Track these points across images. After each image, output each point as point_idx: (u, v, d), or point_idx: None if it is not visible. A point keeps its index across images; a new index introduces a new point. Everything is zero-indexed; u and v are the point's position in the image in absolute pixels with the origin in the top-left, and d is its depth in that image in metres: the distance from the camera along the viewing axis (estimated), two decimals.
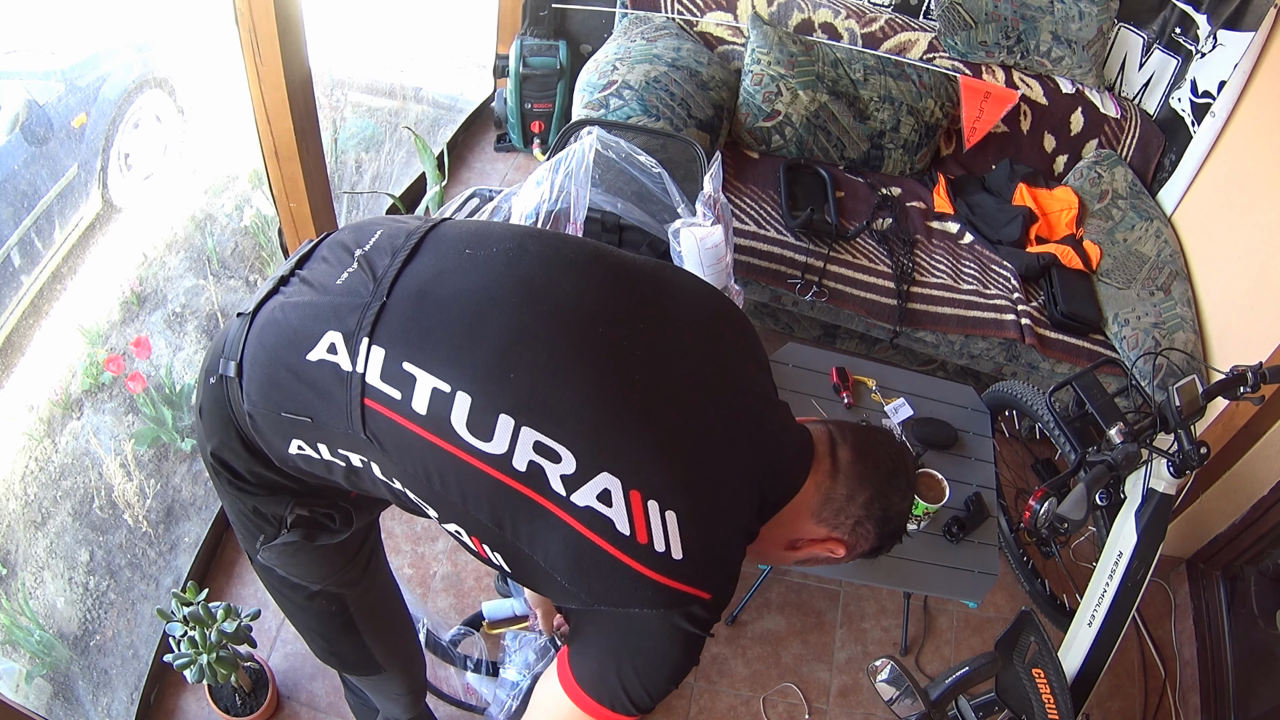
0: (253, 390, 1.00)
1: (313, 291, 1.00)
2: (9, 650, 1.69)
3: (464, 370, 0.91)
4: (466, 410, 0.90)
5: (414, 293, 0.96)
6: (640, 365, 0.96)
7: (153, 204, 2.12)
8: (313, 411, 0.96)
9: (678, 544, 0.90)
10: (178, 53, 2.13)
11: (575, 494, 0.89)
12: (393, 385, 0.92)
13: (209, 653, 1.67)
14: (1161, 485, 1.80)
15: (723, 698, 2.13)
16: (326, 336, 0.95)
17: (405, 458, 0.94)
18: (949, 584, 1.93)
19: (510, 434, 0.89)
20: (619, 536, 0.89)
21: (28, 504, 1.73)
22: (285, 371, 0.97)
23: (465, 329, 0.93)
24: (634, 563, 0.90)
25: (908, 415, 2.12)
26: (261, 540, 1.14)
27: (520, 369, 0.92)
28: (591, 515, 0.89)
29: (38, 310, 1.75)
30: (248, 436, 1.03)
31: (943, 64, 2.77)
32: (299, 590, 1.23)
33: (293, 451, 1.00)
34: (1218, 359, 2.37)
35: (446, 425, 0.91)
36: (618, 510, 0.89)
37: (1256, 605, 2.30)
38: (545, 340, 0.94)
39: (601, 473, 0.89)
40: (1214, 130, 2.54)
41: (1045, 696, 1.56)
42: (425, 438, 0.92)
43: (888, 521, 1.06)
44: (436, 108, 3.27)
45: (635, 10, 2.81)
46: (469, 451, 0.90)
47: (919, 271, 2.49)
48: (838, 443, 1.06)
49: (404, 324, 0.94)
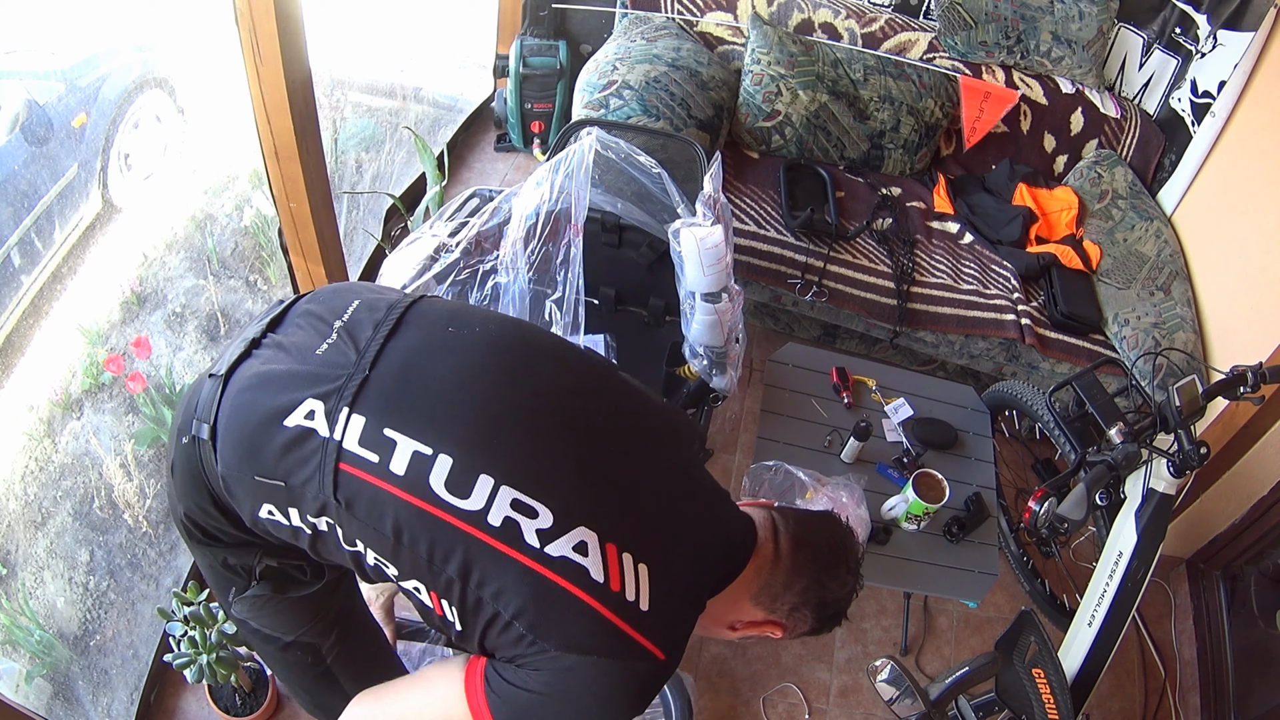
0: (227, 453, 1.00)
1: (289, 359, 1.02)
2: (9, 650, 1.69)
3: (447, 435, 0.96)
4: (447, 471, 0.94)
5: (398, 367, 1.00)
6: (613, 441, 1.03)
7: (153, 204, 2.12)
8: (287, 476, 0.98)
9: (646, 596, 0.95)
10: (178, 53, 2.13)
11: (550, 546, 0.93)
12: (371, 450, 0.95)
13: (209, 653, 1.67)
14: (1161, 485, 1.80)
15: (723, 698, 2.13)
16: (306, 404, 0.97)
17: (374, 518, 0.96)
18: (949, 584, 1.93)
19: (489, 492, 0.94)
20: (592, 583, 0.93)
21: (28, 504, 1.73)
22: (261, 437, 0.98)
23: (448, 400, 0.98)
24: (603, 608, 0.93)
25: (908, 415, 2.12)
26: (233, 592, 1.14)
27: (502, 435, 0.97)
28: (565, 564, 0.93)
29: (38, 310, 1.75)
30: (219, 498, 1.04)
31: (943, 64, 2.77)
32: (273, 642, 1.22)
33: (263, 515, 1.02)
34: (1218, 359, 2.37)
35: (424, 485, 0.94)
36: (593, 560, 0.94)
37: (1256, 605, 2.30)
38: (526, 413, 1.00)
39: (579, 527, 0.94)
40: (1214, 130, 2.54)
41: (1045, 696, 1.56)
42: (400, 497, 0.94)
43: (824, 607, 1.12)
44: (436, 108, 3.27)
45: (635, 10, 2.81)
46: (445, 509, 0.94)
47: (919, 271, 2.49)
48: (779, 530, 1.12)
49: (387, 395, 0.98)
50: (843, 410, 2.11)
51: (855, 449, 1.98)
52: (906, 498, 1.88)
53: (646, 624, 0.95)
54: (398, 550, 0.97)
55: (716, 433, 2.56)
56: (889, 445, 2.08)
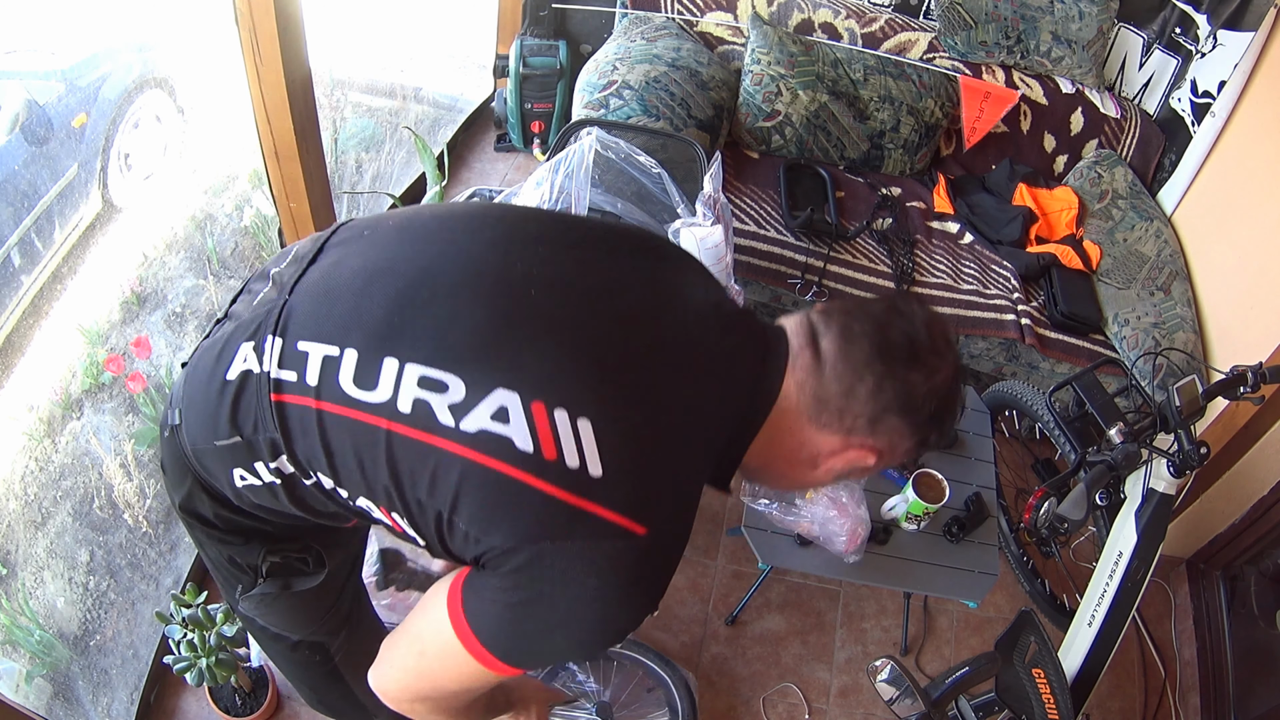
0: (191, 429, 0.98)
1: (232, 322, 0.99)
2: (9, 650, 1.69)
3: (352, 331, 0.87)
4: (354, 366, 0.85)
5: (313, 282, 0.94)
6: (556, 290, 0.87)
7: (153, 204, 2.12)
8: (240, 429, 0.92)
9: (594, 458, 0.79)
10: (178, 53, 2.13)
11: (465, 420, 0.80)
12: (290, 368, 0.88)
13: (208, 656, 1.67)
14: (1161, 485, 1.80)
15: (722, 698, 2.13)
16: (240, 350, 0.92)
17: (309, 439, 0.88)
18: (949, 584, 1.93)
19: (394, 377, 0.83)
20: (520, 455, 0.79)
21: (28, 504, 1.73)
22: (212, 401, 0.94)
23: (355, 296, 0.90)
24: (542, 483, 0.79)
25: None
26: (240, 590, 1.12)
27: (407, 312, 0.86)
28: (486, 439, 0.80)
29: (38, 310, 1.75)
30: (205, 484, 1.02)
31: (943, 64, 2.77)
32: (281, 641, 1.21)
33: (240, 485, 0.97)
34: (1218, 359, 2.37)
35: (335, 388, 0.85)
36: (516, 426, 0.79)
37: (1256, 605, 2.30)
38: (432, 283, 0.88)
39: (495, 390, 0.80)
40: (1214, 130, 2.53)
41: (1045, 696, 1.55)
42: (318, 409, 0.86)
43: (916, 408, 0.88)
44: (436, 108, 3.27)
45: (635, 10, 2.81)
46: (357, 407, 0.84)
47: (919, 271, 2.49)
48: (819, 332, 0.90)
49: (302, 311, 0.91)
50: None
51: None
52: (906, 498, 1.88)
53: (604, 493, 0.79)
54: (335, 466, 0.88)
55: None
56: None
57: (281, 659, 1.28)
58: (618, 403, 0.82)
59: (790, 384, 0.90)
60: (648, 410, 0.84)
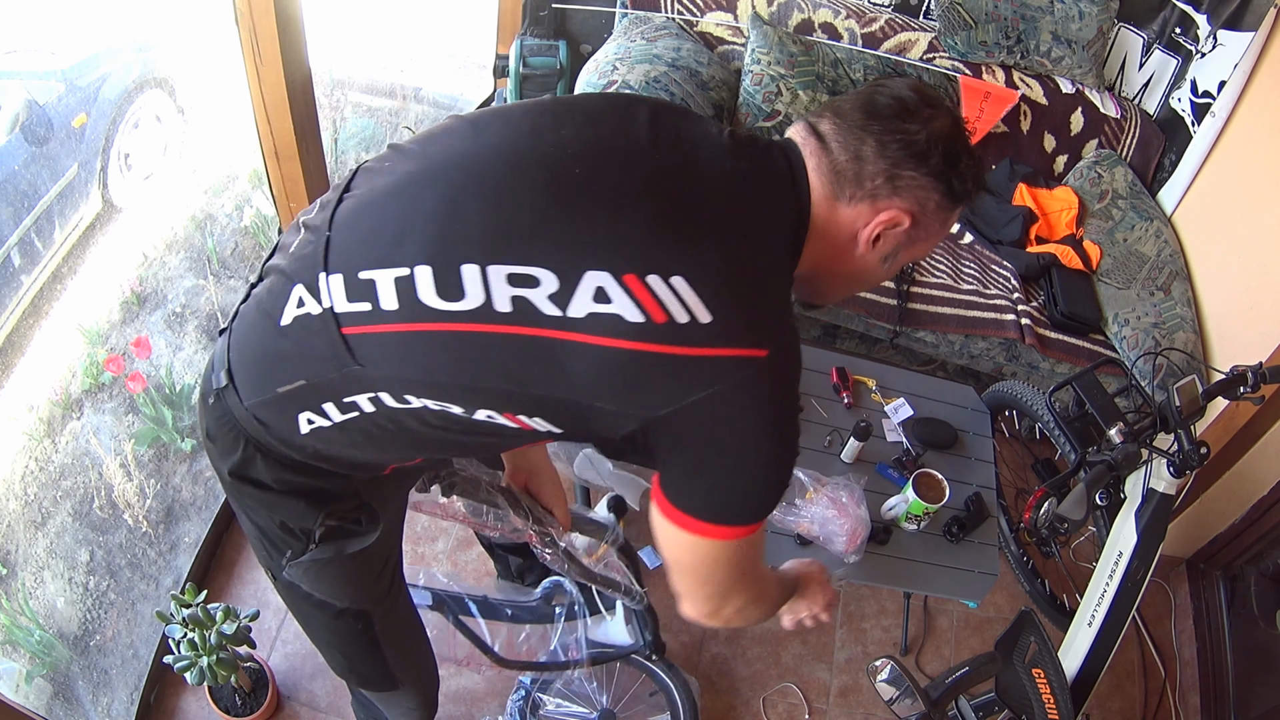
0: (245, 385, 0.98)
1: (275, 273, 0.98)
2: (9, 650, 1.69)
3: (412, 246, 0.87)
4: (431, 280, 0.85)
5: (349, 213, 0.94)
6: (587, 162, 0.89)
7: (153, 204, 2.12)
8: (303, 372, 0.93)
9: (700, 307, 0.82)
10: (178, 53, 2.13)
11: (570, 307, 0.83)
12: (359, 300, 0.88)
13: (209, 655, 1.67)
14: (1161, 485, 1.80)
15: (723, 697, 2.13)
16: (292, 294, 0.92)
17: (403, 366, 0.89)
18: (949, 584, 1.93)
19: (480, 281, 0.84)
20: (635, 327, 0.82)
21: (28, 504, 1.73)
22: (266, 349, 0.95)
23: (400, 213, 0.90)
24: (664, 347, 0.82)
25: (908, 415, 2.12)
26: (289, 556, 1.11)
27: (464, 218, 0.87)
28: (596, 320, 0.82)
29: (38, 310, 1.75)
30: (261, 442, 1.01)
31: (943, 64, 2.77)
32: (325, 609, 1.20)
33: (305, 431, 0.97)
34: (1218, 359, 2.37)
35: (419, 306, 0.85)
36: (620, 302, 0.82)
37: (1256, 605, 2.30)
38: (479, 183, 0.89)
39: (585, 273, 0.83)
40: (1214, 130, 2.54)
41: (1045, 696, 1.56)
42: (407, 331, 0.87)
43: (924, 155, 0.92)
44: (436, 108, 3.27)
45: (635, 10, 2.81)
46: (450, 319, 0.85)
47: (919, 271, 2.49)
48: (815, 122, 0.97)
49: (348, 243, 0.91)
50: (843, 410, 2.11)
51: (855, 449, 1.98)
52: (906, 498, 1.88)
53: (719, 335, 0.83)
54: (440, 386, 0.89)
55: None
56: (889, 445, 2.08)
57: (322, 628, 1.27)
58: (697, 250, 0.85)
59: (811, 174, 0.95)
60: (722, 247, 0.87)
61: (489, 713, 1.99)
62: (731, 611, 1.06)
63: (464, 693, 2.03)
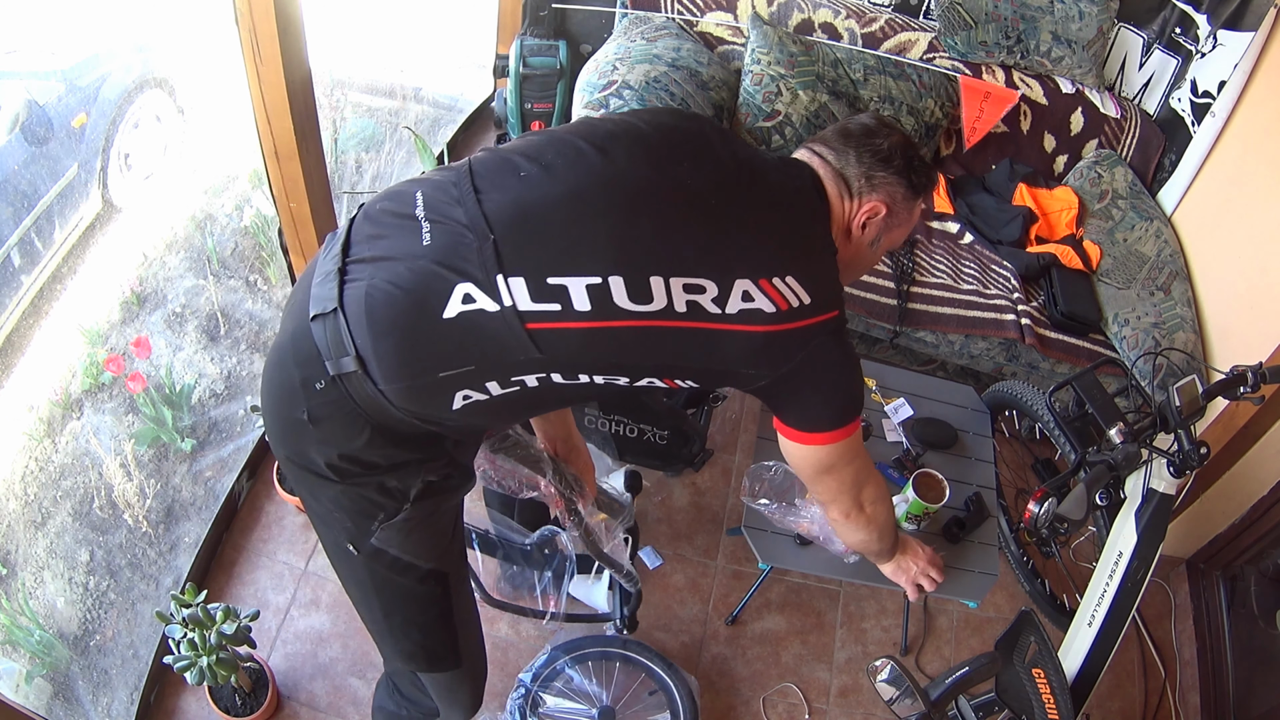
0: (389, 370, 1.07)
1: (399, 265, 1.08)
2: (9, 650, 1.69)
3: (601, 258, 1.08)
4: (624, 288, 1.08)
5: (512, 220, 1.09)
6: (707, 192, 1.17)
7: (153, 204, 2.12)
8: (473, 359, 1.08)
9: (804, 293, 1.15)
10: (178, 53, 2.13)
11: (728, 306, 1.12)
12: (548, 301, 1.07)
13: (209, 655, 1.67)
14: (1161, 485, 1.80)
15: (722, 698, 2.13)
16: (456, 291, 1.05)
17: (586, 353, 1.11)
18: (949, 584, 1.92)
19: (664, 289, 1.09)
20: (771, 315, 1.14)
21: (28, 504, 1.73)
22: (424, 338, 1.07)
23: (577, 221, 1.10)
24: (786, 325, 1.15)
25: (908, 415, 2.12)
26: (381, 519, 1.19)
27: (641, 239, 1.11)
28: (744, 314, 1.13)
29: (38, 310, 1.75)
30: (382, 423, 1.11)
31: (943, 64, 2.77)
32: (410, 572, 1.27)
33: (458, 406, 1.12)
34: (1218, 359, 2.37)
35: (612, 307, 1.08)
36: (760, 299, 1.13)
37: (1256, 605, 2.30)
38: (639, 210, 1.12)
39: (735, 281, 1.12)
40: (1214, 130, 2.53)
41: (1045, 696, 1.56)
42: (599, 327, 1.08)
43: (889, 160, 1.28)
44: (436, 108, 3.27)
45: (635, 10, 2.81)
46: (639, 318, 1.09)
47: (919, 271, 2.49)
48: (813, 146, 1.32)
49: (524, 249, 1.08)
50: None
51: None
52: (906, 498, 1.88)
53: (815, 308, 1.17)
54: (620, 365, 1.14)
55: (716, 432, 2.56)
56: (889, 445, 2.08)
57: (402, 598, 1.32)
58: (789, 252, 1.19)
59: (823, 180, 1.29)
60: (800, 247, 1.22)
61: (489, 711, 1.99)
62: (869, 501, 1.42)
63: None
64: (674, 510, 2.41)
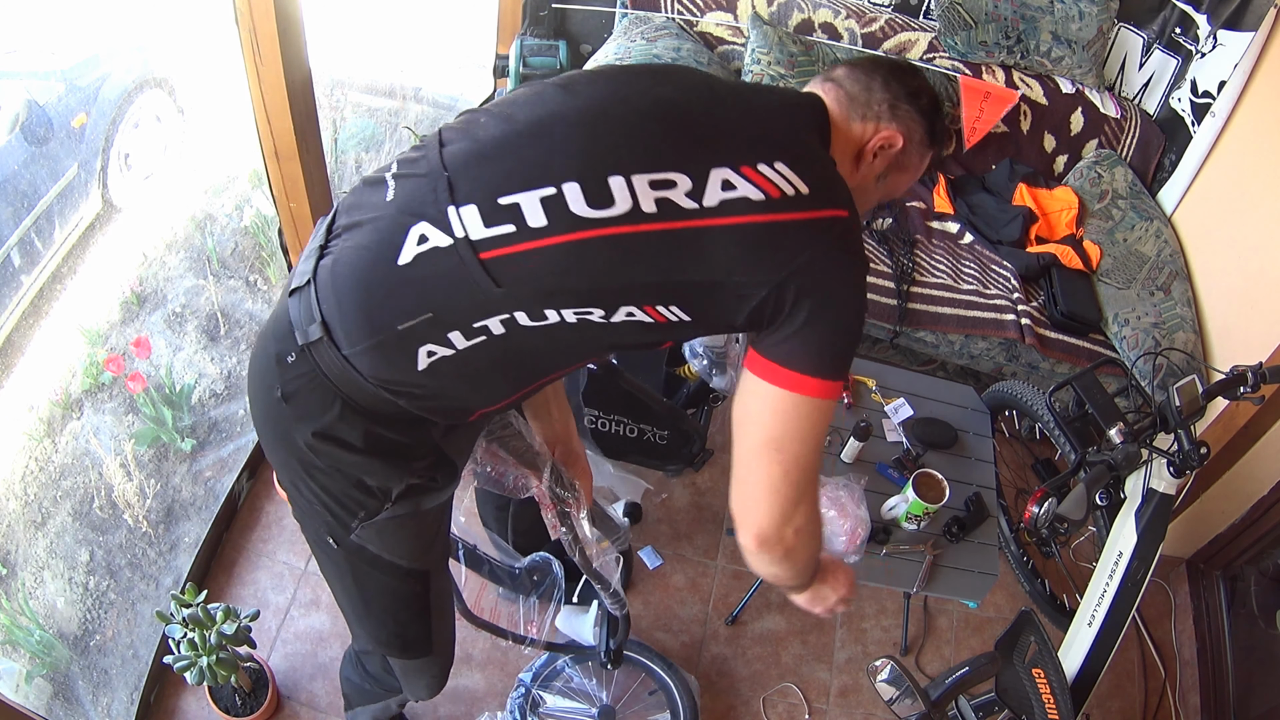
0: (351, 330, 1.02)
1: (366, 227, 1.04)
2: (9, 650, 1.69)
3: (555, 168, 0.98)
4: (580, 194, 0.97)
5: (464, 153, 1.02)
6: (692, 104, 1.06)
7: (153, 204, 2.12)
8: (431, 305, 1.00)
9: (800, 182, 1.01)
10: (178, 53, 2.13)
11: (705, 199, 0.98)
12: (500, 224, 0.97)
13: (209, 655, 1.67)
14: (1161, 485, 1.80)
15: (722, 698, 2.13)
16: (410, 234, 0.99)
17: (547, 278, 0.99)
18: (949, 584, 1.92)
19: (626, 188, 0.97)
20: (759, 204, 0.99)
21: (28, 504, 1.73)
22: (382, 290, 1.00)
23: (532, 143, 1.01)
24: (781, 215, 0.99)
25: (908, 415, 2.12)
26: (361, 517, 1.15)
27: (602, 140, 1.01)
28: (727, 205, 0.98)
29: (38, 310, 1.75)
30: (353, 397, 1.05)
31: (943, 64, 2.77)
32: (391, 570, 1.25)
33: (424, 365, 1.03)
34: (1218, 359, 2.37)
35: (571, 217, 0.97)
36: (743, 186, 0.99)
37: (1256, 605, 2.30)
38: (605, 115, 1.03)
39: (710, 170, 0.99)
40: (1214, 130, 2.53)
41: (1045, 696, 1.56)
42: (559, 243, 0.97)
43: (916, 96, 1.16)
44: (436, 108, 3.27)
45: (635, 10, 2.81)
46: (603, 225, 0.97)
47: (919, 271, 2.49)
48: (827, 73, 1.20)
49: (476, 177, 1.00)
50: (843, 410, 2.11)
51: (855, 449, 1.98)
52: (906, 498, 1.88)
53: (816, 200, 1.02)
54: (589, 291, 1.00)
55: (716, 432, 2.55)
56: (889, 445, 2.08)
57: (381, 593, 1.31)
58: (783, 144, 1.05)
59: (828, 102, 1.15)
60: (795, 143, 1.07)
61: (489, 710, 1.99)
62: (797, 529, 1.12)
63: (464, 691, 2.03)
64: (674, 510, 2.41)
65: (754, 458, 1.08)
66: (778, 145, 1.04)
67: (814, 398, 1.04)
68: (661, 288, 1.01)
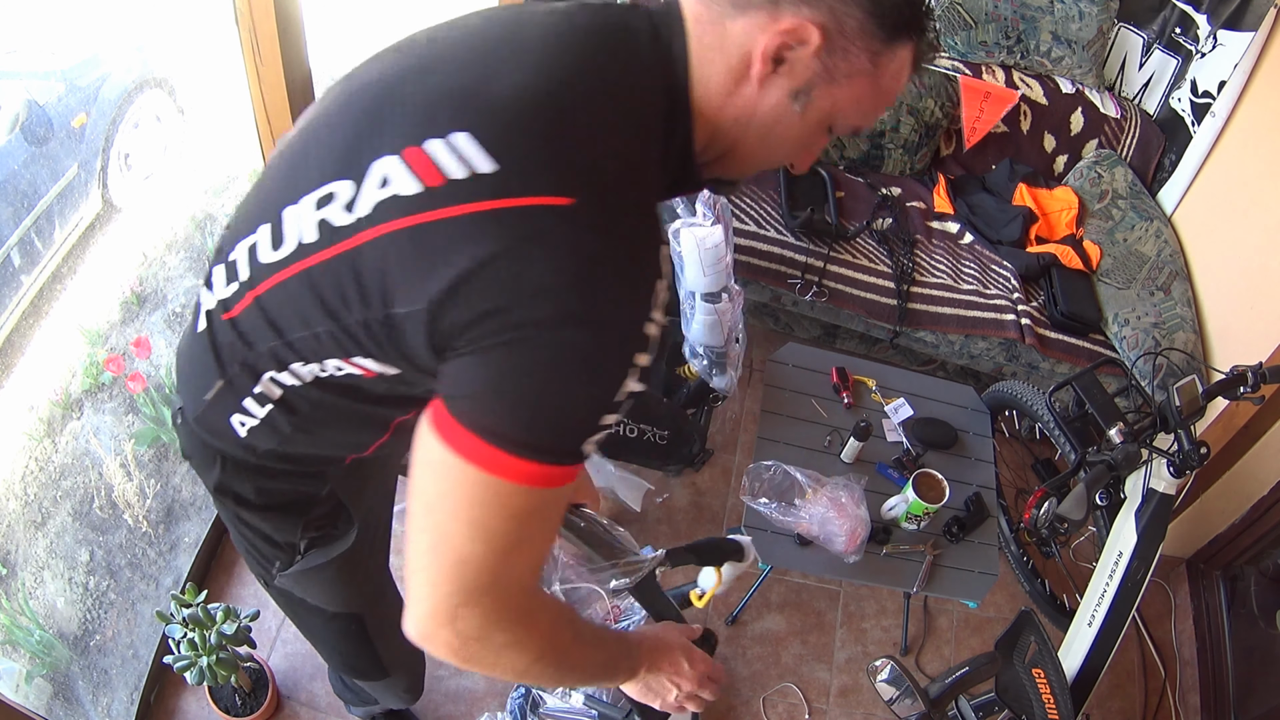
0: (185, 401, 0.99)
1: None
2: (9, 650, 1.69)
3: (265, 209, 0.85)
4: (268, 236, 0.82)
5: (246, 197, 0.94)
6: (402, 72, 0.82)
7: (153, 204, 2.12)
8: (218, 372, 0.91)
9: (482, 158, 0.70)
10: (178, 53, 2.13)
11: (358, 206, 0.75)
12: (231, 280, 0.87)
13: (209, 655, 1.67)
14: (1161, 485, 1.80)
15: (722, 697, 2.13)
16: (201, 301, 0.93)
17: (267, 332, 0.85)
18: (949, 584, 1.93)
19: (296, 220, 0.80)
20: (410, 200, 0.72)
21: (28, 504, 1.73)
22: (195, 360, 0.94)
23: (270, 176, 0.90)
24: (439, 213, 0.71)
25: (908, 415, 2.12)
26: (278, 567, 1.12)
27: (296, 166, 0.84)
28: (381, 208, 0.74)
29: (38, 310, 1.75)
30: (227, 453, 1.00)
31: (943, 64, 2.77)
32: (319, 614, 1.23)
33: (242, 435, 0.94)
34: (1218, 359, 2.37)
35: (260, 267, 0.83)
36: (399, 180, 0.73)
37: (1256, 605, 2.30)
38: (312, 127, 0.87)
39: (370, 165, 0.75)
40: (1214, 130, 2.54)
41: (1045, 696, 1.56)
42: (259, 295, 0.84)
43: None
44: None
45: None
46: (280, 269, 0.81)
47: (919, 271, 2.49)
48: None
49: (232, 232, 0.90)
50: (843, 410, 2.11)
51: (855, 449, 1.98)
52: (906, 498, 1.88)
53: (505, 181, 0.70)
54: (295, 344, 0.83)
55: (716, 433, 2.56)
56: (889, 445, 2.08)
57: (317, 631, 1.32)
58: (490, 101, 0.73)
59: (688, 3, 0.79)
60: (532, 97, 0.73)
61: (489, 710, 1.99)
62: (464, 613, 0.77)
63: (464, 691, 2.03)
64: (674, 510, 2.41)
65: (413, 528, 0.78)
66: (479, 103, 0.73)
67: (504, 481, 0.72)
68: (340, 335, 0.79)
